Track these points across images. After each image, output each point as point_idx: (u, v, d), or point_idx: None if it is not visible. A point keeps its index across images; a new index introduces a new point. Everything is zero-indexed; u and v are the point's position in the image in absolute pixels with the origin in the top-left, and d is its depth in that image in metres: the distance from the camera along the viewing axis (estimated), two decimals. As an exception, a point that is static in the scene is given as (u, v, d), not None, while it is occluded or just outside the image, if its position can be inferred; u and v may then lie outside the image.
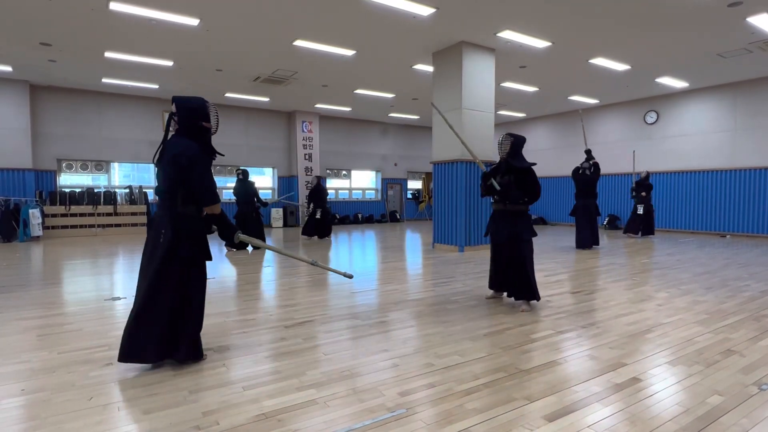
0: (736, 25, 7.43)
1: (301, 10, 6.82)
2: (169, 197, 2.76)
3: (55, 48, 8.48)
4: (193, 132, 2.84)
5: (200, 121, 2.86)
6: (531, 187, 4.18)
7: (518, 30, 7.66)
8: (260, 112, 14.63)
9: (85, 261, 7.31)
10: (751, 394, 2.38)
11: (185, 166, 2.70)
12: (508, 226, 4.25)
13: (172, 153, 2.72)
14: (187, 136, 2.81)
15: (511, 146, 4.27)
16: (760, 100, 10.84)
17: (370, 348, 3.12)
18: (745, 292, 4.88)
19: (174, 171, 2.71)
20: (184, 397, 2.35)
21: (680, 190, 12.28)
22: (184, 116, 2.82)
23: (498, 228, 4.33)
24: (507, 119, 16.47)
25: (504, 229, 4.27)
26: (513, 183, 4.20)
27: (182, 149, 2.72)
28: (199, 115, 2.85)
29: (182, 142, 2.76)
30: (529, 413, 2.17)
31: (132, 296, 4.68)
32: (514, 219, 4.25)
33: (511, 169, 4.24)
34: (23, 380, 2.58)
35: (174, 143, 2.78)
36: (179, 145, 2.75)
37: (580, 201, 8.83)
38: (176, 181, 2.73)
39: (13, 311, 4.12)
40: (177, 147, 2.74)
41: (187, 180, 2.72)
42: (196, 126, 2.84)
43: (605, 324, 3.71)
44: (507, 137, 4.31)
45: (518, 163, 4.24)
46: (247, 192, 8.82)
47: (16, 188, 10.81)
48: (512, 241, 4.23)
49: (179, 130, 2.84)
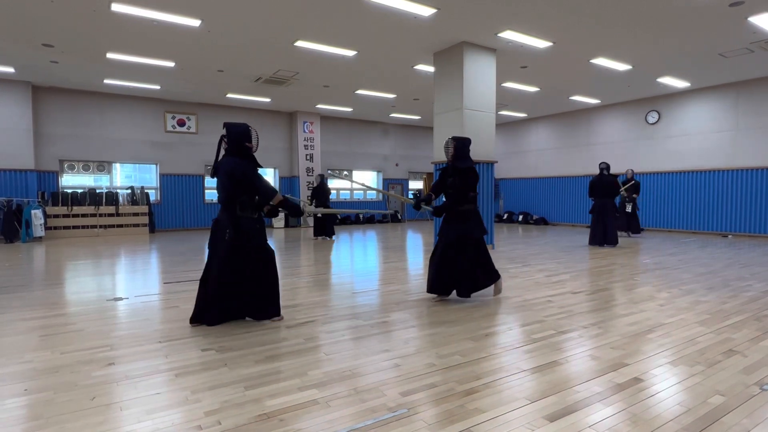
0: (737, 25, 7.42)
1: (302, 10, 6.83)
2: (229, 205, 3.56)
3: (57, 49, 8.51)
4: (239, 150, 3.60)
5: (244, 142, 3.62)
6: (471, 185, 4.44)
7: (519, 30, 7.66)
8: (261, 112, 14.65)
9: (88, 261, 7.33)
10: (753, 395, 2.37)
11: (240, 179, 3.50)
12: (458, 226, 4.44)
13: (225, 170, 3.51)
14: (235, 155, 3.58)
15: (455, 149, 4.49)
16: (762, 100, 10.82)
17: (372, 348, 3.13)
18: (746, 292, 4.88)
19: (231, 184, 3.51)
20: (186, 397, 2.35)
21: (682, 190, 12.26)
22: (233, 139, 3.59)
23: (449, 228, 4.49)
24: (508, 119, 16.46)
25: (454, 229, 4.45)
26: (458, 184, 4.43)
27: (233, 165, 3.51)
28: (243, 137, 3.61)
29: (233, 160, 3.54)
30: (531, 413, 2.17)
31: (134, 296, 4.73)
32: (464, 219, 4.45)
33: (456, 170, 4.47)
34: (26, 380, 2.59)
35: (226, 161, 3.55)
36: (231, 162, 3.53)
37: (599, 201, 9.30)
38: (234, 193, 3.54)
39: (16, 311, 4.13)
40: (229, 164, 3.52)
41: (247, 188, 3.54)
42: (242, 146, 3.60)
43: (606, 324, 3.71)
44: (450, 141, 4.53)
45: (461, 164, 4.47)
46: None
47: (18, 189, 10.84)
48: (462, 239, 4.41)
49: (229, 150, 3.60)
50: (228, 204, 3.58)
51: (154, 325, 3.72)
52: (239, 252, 3.58)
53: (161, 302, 4.54)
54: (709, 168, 11.75)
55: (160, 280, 5.82)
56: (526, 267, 6.66)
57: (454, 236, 4.42)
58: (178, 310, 4.19)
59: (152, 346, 3.18)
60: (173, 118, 13.25)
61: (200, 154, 13.70)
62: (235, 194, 3.55)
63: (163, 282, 5.59)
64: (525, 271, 6.33)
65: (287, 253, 8.57)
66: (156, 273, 6.38)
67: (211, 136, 13.82)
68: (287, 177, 15.37)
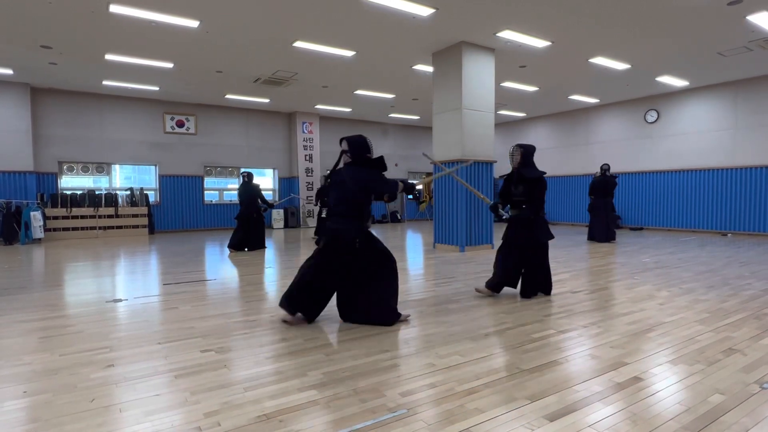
0: (735, 24, 7.43)
1: (300, 11, 6.83)
2: (358, 215, 3.66)
3: (55, 50, 8.50)
4: (361, 161, 3.71)
5: (365, 153, 3.73)
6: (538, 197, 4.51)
7: (518, 30, 7.67)
8: (260, 113, 14.65)
9: (87, 263, 7.32)
10: (753, 393, 2.37)
11: (372, 189, 3.66)
12: (525, 231, 4.52)
13: (356, 181, 3.61)
14: (359, 165, 3.69)
15: (522, 156, 4.53)
16: (761, 99, 10.83)
17: (372, 348, 3.12)
18: (746, 291, 4.88)
19: (363, 195, 3.65)
20: (186, 398, 2.35)
21: (681, 188, 12.27)
22: (355, 152, 3.71)
23: (516, 233, 4.57)
24: (507, 119, 16.47)
25: (521, 234, 4.52)
26: (525, 194, 4.50)
27: (365, 177, 3.64)
28: (364, 149, 3.72)
29: (361, 171, 3.65)
30: (531, 413, 2.17)
31: (133, 298, 4.73)
32: (530, 224, 4.52)
33: (523, 179, 4.50)
34: (25, 382, 2.59)
35: (354, 172, 3.64)
36: (360, 173, 3.64)
37: (600, 201, 9.91)
38: (363, 202, 3.66)
39: (15, 313, 4.13)
40: (360, 174, 3.63)
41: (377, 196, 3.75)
42: (363, 157, 3.71)
43: (606, 323, 3.71)
44: (517, 148, 4.57)
45: (529, 173, 4.49)
46: (251, 194, 8.81)
47: (17, 191, 10.82)
48: (530, 245, 4.50)
49: (351, 162, 3.71)
50: (355, 213, 3.65)
51: (154, 326, 3.71)
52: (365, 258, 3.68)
53: (161, 303, 4.54)
54: (708, 167, 11.76)
55: (159, 281, 5.81)
56: (525, 266, 6.65)
57: (523, 241, 4.52)
58: (178, 311, 4.19)
59: (152, 347, 3.18)
60: (172, 119, 13.24)
61: (199, 155, 13.69)
62: (364, 204, 3.68)
63: (163, 283, 5.59)
64: (525, 270, 6.32)
65: (287, 253, 8.57)
66: (155, 274, 6.38)
67: (211, 137, 13.83)
68: (286, 177, 15.36)
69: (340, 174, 3.72)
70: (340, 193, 3.69)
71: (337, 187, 3.72)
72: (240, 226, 8.69)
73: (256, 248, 8.78)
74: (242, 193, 8.83)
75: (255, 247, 8.76)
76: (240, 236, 8.63)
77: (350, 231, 3.61)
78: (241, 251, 8.56)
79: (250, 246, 8.71)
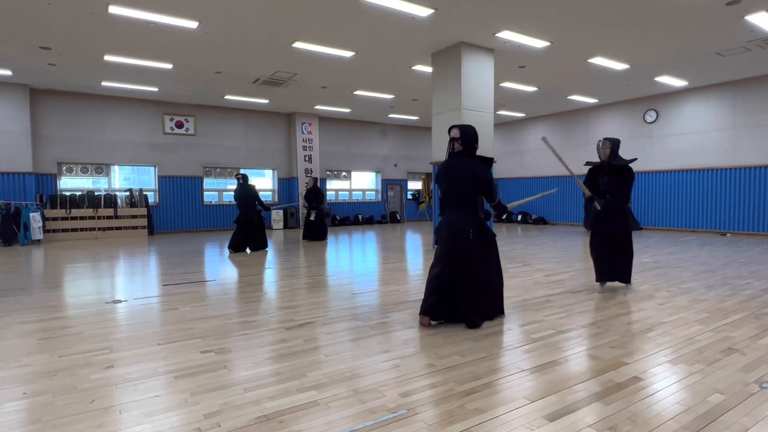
0: (734, 24, 7.44)
1: (299, 11, 6.83)
2: (472, 206, 3.67)
3: (54, 51, 8.49)
4: (472, 151, 3.71)
5: (475, 143, 3.72)
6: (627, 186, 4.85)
7: (517, 30, 7.67)
8: (260, 113, 14.64)
9: (86, 264, 7.32)
10: (752, 393, 2.38)
11: (485, 180, 3.60)
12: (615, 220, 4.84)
13: (471, 171, 3.58)
14: (469, 155, 3.68)
15: (611, 149, 4.85)
16: (760, 98, 10.84)
17: (371, 349, 3.12)
18: (745, 291, 4.88)
19: (477, 185, 3.60)
20: (186, 400, 2.35)
21: (680, 188, 12.28)
22: (468, 142, 3.67)
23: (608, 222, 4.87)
24: (506, 119, 16.48)
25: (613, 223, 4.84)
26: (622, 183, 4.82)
27: (480, 167, 3.62)
28: (475, 140, 3.72)
29: (474, 162, 3.64)
30: (531, 413, 2.17)
31: (133, 299, 4.72)
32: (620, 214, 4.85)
33: (612, 169, 4.83)
34: (25, 383, 2.58)
35: (467, 163, 3.63)
36: (474, 164, 3.63)
37: None
38: (476, 192, 3.64)
39: (15, 315, 4.12)
40: (476, 166, 3.62)
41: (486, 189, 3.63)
42: (473, 147, 3.71)
43: (606, 323, 3.71)
44: (606, 141, 4.89)
45: (617, 161, 4.84)
46: (248, 196, 8.84)
47: (16, 192, 10.81)
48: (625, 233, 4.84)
49: (462, 152, 3.67)
50: (468, 204, 3.66)
51: (154, 327, 3.71)
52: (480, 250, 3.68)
53: (160, 304, 4.54)
54: (708, 166, 11.77)
55: (159, 282, 5.81)
56: (525, 266, 6.66)
57: (615, 229, 4.82)
58: (178, 312, 4.18)
59: (151, 348, 3.18)
60: (171, 120, 13.23)
61: (199, 156, 13.69)
62: (476, 194, 3.68)
63: (163, 284, 5.59)
64: (524, 270, 6.33)
65: (286, 254, 8.57)
66: (155, 275, 6.37)
67: (210, 137, 13.82)
68: (286, 178, 15.36)
69: (451, 166, 3.68)
70: (452, 185, 3.68)
71: (449, 180, 3.70)
72: (239, 228, 8.71)
73: (258, 249, 8.80)
74: (239, 195, 8.84)
75: (257, 248, 8.79)
76: (240, 238, 8.65)
77: (465, 222, 3.62)
78: (242, 252, 8.57)
79: (252, 247, 8.75)
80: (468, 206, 3.66)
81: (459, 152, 3.67)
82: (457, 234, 3.61)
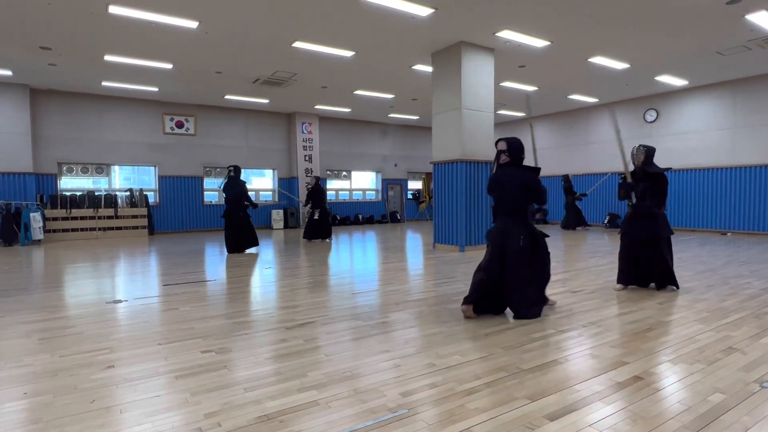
0: (734, 23, 7.44)
1: (299, 11, 6.83)
2: (522, 213, 3.94)
3: (54, 52, 8.50)
4: (519, 162, 3.97)
5: (521, 154, 4.00)
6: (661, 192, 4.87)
7: (517, 30, 7.67)
8: (260, 113, 14.64)
9: (87, 264, 7.32)
10: (753, 392, 2.38)
11: (535, 187, 3.88)
12: (647, 225, 4.83)
13: (522, 181, 3.87)
14: (516, 166, 3.95)
15: (645, 156, 4.90)
16: (760, 98, 10.84)
17: (372, 349, 3.12)
18: (746, 290, 4.88)
19: (528, 193, 3.89)
20: (186, 399, 2.35)
21: (680, 188, 12.27)
22: (514, 153, 3.95)
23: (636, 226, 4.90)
24: (507, 119, 16.47)
25: (644, 227, 4.84)
26: (649, 190, 4.83)
27: (530, 177, 3.91)
28: (520, 150, 4.00)
29: (523, 172, 3.93)
30: (531, 412, 2.17)
31: (133, 299, 4.72)
32: (654, 218, 4.83)
33: (647, 175, 4.87)
34: (25, 384, 2.59)
35: (517, 173, 3.91)
36: (524, 174, 3.92)
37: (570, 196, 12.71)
38: (528, 200, 3.94)
39: (15, 315, 4.13)
40: (525, 175, 3.91)
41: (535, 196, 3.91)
42: (520, 157, 3.98)
43: (606, 323, 3.71)
44: (641, 148, 4.93)
45: (651, 168, 4.88)
46: (236, 192, 8.43)
47: (17, 192, 10.82)
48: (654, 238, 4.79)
49: (509, 162, 3.95)
50: (519, 212, 3.93)
51: (154, 327, 3.71)
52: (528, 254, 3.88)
53: (161, 304, 4.54)
54: (708, 166, 11.76)
55: (159, 282, 5.81)
56: (525, 266, 6.65)
57: (645, 234, 4.81)
58: (178, 312, 4.19)
59: (152, 348, 3.18)
60: (171, 119, 13.24)
61: (199, 156, 13.69)
62: (528, 202, 3.95)
63: (163, 284, 5.59)
64: (524, 270, 6.32)
65: (287, 254, 8.57)
66: (155, 275, 6.38)
67: (210, 137, 13.83)
68: (286, 178, 15.36)
69: (501, 176, 3.96)
70: (503, 194, 3.95)
71: (499, 188, 3.96)
72: (228, 225, 8.45)
73: (250, 247, 8.65)
74: (228, 188, 8.46)
75: (248, 246, 8.61)
76: (232, 237, 8.41)
77: (517, 229, 3.86)
78: (240, 253, 8.46)
79: (244, 246, 8.54)
80: (519, 213, 3.92)
81: (507, 163, 3.96)
82: (508, 240, 3.86)
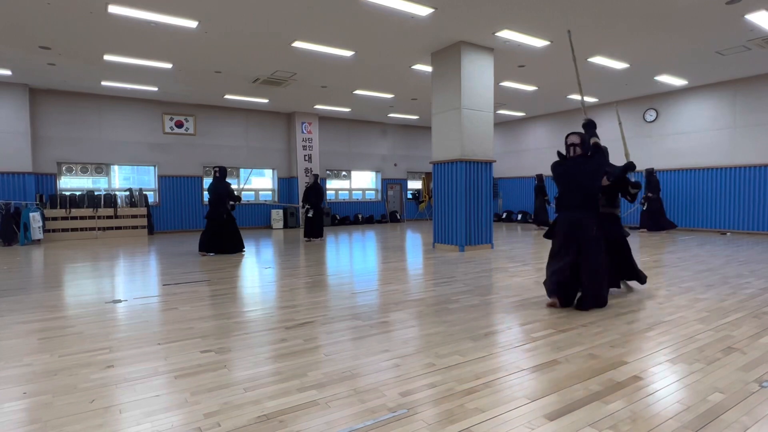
0: (734, 23, 7.44)
1: (299, 11, 6.83)
2: (594, 202, 4.08)
3: (54, 51, 8.49)
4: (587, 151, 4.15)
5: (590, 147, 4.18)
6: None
7: (517, 29, 7.67)
8: (260, 113, 14.64)
9: (86, 264, 7.32)
10: (752, 392, 2.38)
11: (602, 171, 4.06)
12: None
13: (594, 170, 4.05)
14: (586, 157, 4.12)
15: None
16: (760, 97, 10.84)
17: (371, 348, 3.12)
18: (745, 290, 4.88)
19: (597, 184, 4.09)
20: (186, 399, 2.35)
21: (680, 187, 12.28)
22: (585, 148, 4.12)
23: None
24: (506, 118, 16.47)
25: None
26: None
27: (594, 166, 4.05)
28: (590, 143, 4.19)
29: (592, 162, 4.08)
30: (531, 412, 2.17)
31: (133, 299, 4.72)
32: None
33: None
34: (25, 383, 2.59)
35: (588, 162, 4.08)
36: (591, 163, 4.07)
37: None
38: (596, 193, 4.09)
39: (15, 314, 4.13)
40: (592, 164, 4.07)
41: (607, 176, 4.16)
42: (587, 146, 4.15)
43: (606, 322, 3.71)
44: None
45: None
46: (219, 193, 8.16)
47: (16, 192, 10.81)
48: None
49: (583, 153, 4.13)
50: (590, 203, 4.07)
51: (154, 327, 3.71)
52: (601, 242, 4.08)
53: (160, 304, 4.54)
54: (707, 166, 11.77)
55: (159, 282, 5.81)
56: (525, 266, 6.66)
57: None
58: (177, 312, 4.18)
59: (151, 348, 3.18)
60: (171, 119, 13.23)
61: (199, 156, 13.68)
62: (597, 193, 4.10)
63: (162, 284, 5.59)
64: (524, 270, 6.33)
65: (286, 253, 8.57)
66: (155, 275, 6.37)
67: (210, 137, 13.82)
68: (286, 178, 15.36)
69: (569, 168, 4.10)
70: (574, 185, 4.08)
71: (569, 180, 4.10)
72: (209, 227, 8.18)
73: (234, 252, 8.27)
74: (212, 190, 8.22)
75: (234, 250, 8.27)
76: (207, 236, 8.11)
77: (590, 221, 4.02)
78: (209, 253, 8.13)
79: (228, 250, 8.21)
80: (590, 203, 4.06)
81: (577, 155, 4.11)
82: (582, 229, 4.01)
